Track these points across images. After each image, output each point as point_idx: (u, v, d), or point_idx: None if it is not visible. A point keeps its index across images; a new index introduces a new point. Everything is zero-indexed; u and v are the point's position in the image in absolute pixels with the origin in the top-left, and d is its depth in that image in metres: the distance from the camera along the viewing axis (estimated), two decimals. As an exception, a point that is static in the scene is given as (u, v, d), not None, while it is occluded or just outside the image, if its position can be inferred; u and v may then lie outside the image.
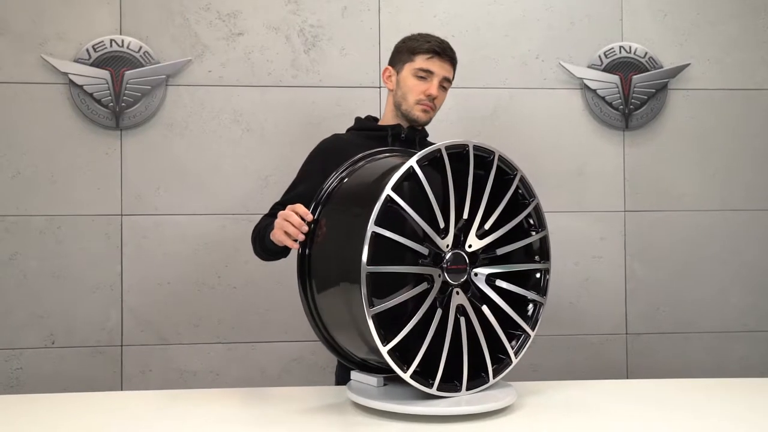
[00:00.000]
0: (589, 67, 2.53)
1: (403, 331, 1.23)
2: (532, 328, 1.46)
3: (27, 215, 2.35)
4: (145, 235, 2.40)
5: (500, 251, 1.38)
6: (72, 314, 2.37)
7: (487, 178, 1.39)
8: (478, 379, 1.40)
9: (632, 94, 2.53)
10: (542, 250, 1.50)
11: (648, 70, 2.54)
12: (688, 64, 2.56)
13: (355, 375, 1.49)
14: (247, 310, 2.43)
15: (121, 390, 2.37)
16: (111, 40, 2.37)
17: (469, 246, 1.34)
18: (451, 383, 1.34)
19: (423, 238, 1.31)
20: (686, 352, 2.57)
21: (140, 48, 2.38)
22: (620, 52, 2.53)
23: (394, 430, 1.25)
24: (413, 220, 1.26)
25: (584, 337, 2.55)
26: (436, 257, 1.30)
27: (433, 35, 1.77)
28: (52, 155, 2.37)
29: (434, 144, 1.34)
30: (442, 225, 1.28)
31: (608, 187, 2.56)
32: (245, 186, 2.44)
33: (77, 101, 2.35)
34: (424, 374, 1.31)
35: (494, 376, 1.40)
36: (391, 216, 1.26)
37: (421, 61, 1.72)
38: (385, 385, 1.43)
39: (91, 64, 2.36)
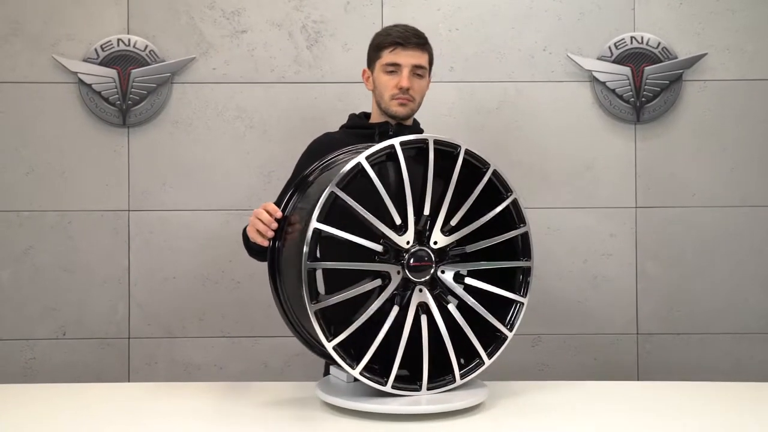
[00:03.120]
0: (599, 58, 2.45)
1: (350, 328, 1.22)
2: (510, 329, 1.41)
3: (40, 210, 2.43)
4: (151, 230, 2.45)
5: (470, 248, 1.34)
6: (82, 307, 2.44)
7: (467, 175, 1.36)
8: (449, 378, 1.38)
9: (644, 86, 2.44)
10: (524, 248, 1.45)
11: (661, 61, 2.44)
12: (705, 54, 2.45)
13: (333, 371, 1.49)
14: (251, 304, 2.45)
15: (129, 381, 2.43)
16: (118, 40, 2.42)
17: (435, 243, 1.31)
18: (414, 382, 1.32)
19: (382, 235, 1.30)
20: (702, 354, 2.47)
21: (146, 47, 2.43)
22: (631, 42, 2.44)
23: (346, 426, 1.25)
24: (362, 216, 1.25)
25: (593, 337, 2.48)
26: (398, 254, 1.29)
27: (399, 25, 1.73)
28: (63, 152, 2.44)
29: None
30: (399, 221, 1.26)
31: (619, 183, 2.48)
32: (249, 182, 2.46)
33: (86, 100, 2.42)
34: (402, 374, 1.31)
35: (465, 377, 1.36)
36: (351, 213, 1.25)
37: (386, 56, 1.70)
38: (355, 381, 1.42)
39: (100, 63, 2.42)
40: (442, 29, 2.48)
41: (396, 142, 1.29)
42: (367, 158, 1.26)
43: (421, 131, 1.84)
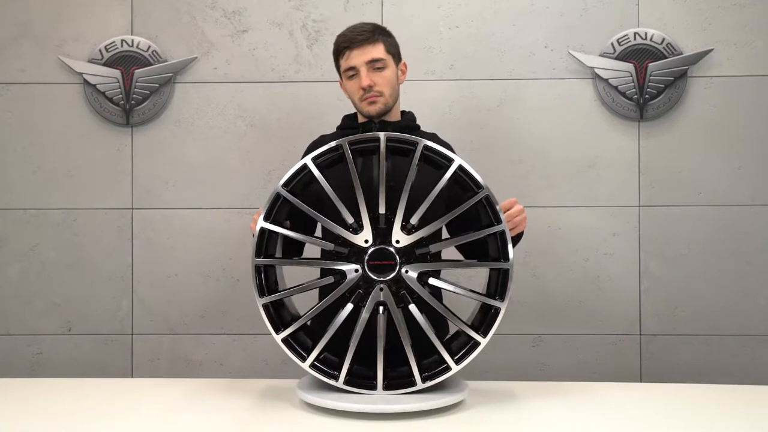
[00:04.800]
0: (601, 55, 2.42)
1: (298, 322, 1.25)
2: (484, 334, 1.33)
3: (46, 209, 2.48)
4: (154, 228, 2.48)
5: (433, 248, 1.31)
6: (87, 303, 2.49)
7: (437, 173, 1.35)
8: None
9: (648, 83, 2.40)
10: (502, 249, 1.35)
11: (665, 57, 2.40)
12: (711, 50, 2.40)
13: None
14: (251, 302, 2.43)
15: (132, 377, 2.47)
16: (122, 40, 2.46)
17: (397, 241, 1.30)
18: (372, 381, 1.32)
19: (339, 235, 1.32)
20: (707, 356, 2.42)
21: (149, 47, 2.46)
22: (635, 38, 2.40)
23: (314, 421, 1.27)
24: (310, 214, 1.28)
25: (595, 337, 2.45)
26: (358, 252, 1.29)
27: (347, 28, 1.72)
28: (69, 152, 2.49)
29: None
30: (350, 220, 1.27)
31: (621, 181, 2.44)
32: (249, 180, 2.48)
33: (91, 100, 2.46)
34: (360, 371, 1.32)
35: (428, 380, 1.32)
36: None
37: (343, 62, 1.71)
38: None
39: (104, 64, 2.46)
40: (442, 27, 2.47)
41: (344, 141, 1.30)
42: (313, 159, 1.29)
43: (414, 127, 1.83)
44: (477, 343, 1.31)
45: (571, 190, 2.45)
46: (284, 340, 1.33)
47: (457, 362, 1.31)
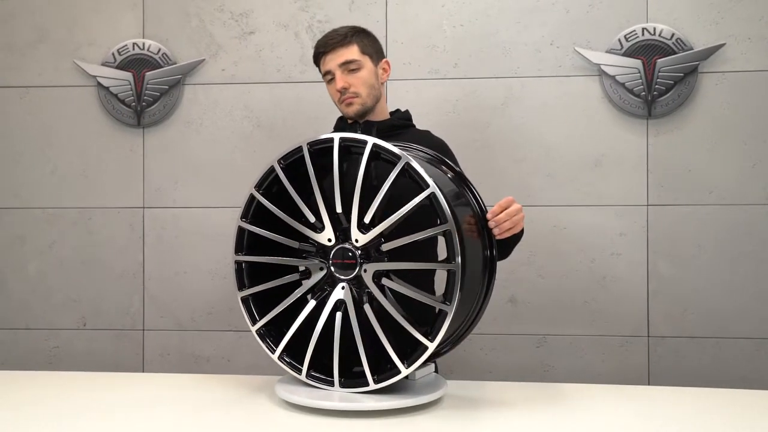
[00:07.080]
0: (608, 52, 2.37)
1: (269, 315, 1.28)
2: (432, 339, 1.26)
3: (63, 207, 2.58)
4: (164, 226, 2.55)
5: (385, 247, 1.30)
6: (100, 299, 2.57)
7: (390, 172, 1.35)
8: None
9: (656, 80, 2.35)
10: (449, 249, 1.27)
11: (675, 53, 2.34)
12: (723, 45, 2.34)
13: None
14: (257, 299, 2.51)
15: (143, 371, 2.55)
16: (134, 44, 2.53)
17: (356, 240, 1.31)
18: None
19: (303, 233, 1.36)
20: (718, 359, 2.36)
21: (159, 50, 2.52)
22: (643, 34, 2.36)
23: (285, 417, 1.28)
24: (277, 215, 1.31)
25: (601, 339, 2.41)
26: (324, 250, 1.32)
27: (323, 35, 1.76)
28: (84, 152, 2.57)
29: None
30: (312, 219, 1.29)
31: (629, 180, 2.39)
32: (255, 180, 2.51)
33: (104, 102, 2.54)
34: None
35: (379, 381, 1.31)
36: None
37: (321, 68, 1.76)
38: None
39: (116, 67, 2.53)
40: (446, 26, 2.46)
41: (304, 143, 1.33)
42: (279, 161, 1.32)
43: (405, 125, 1.84)
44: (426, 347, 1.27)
45: (578, 189, 2.42)
46: (261, 333, 1.35)
47: (409, 365, 1.28)
